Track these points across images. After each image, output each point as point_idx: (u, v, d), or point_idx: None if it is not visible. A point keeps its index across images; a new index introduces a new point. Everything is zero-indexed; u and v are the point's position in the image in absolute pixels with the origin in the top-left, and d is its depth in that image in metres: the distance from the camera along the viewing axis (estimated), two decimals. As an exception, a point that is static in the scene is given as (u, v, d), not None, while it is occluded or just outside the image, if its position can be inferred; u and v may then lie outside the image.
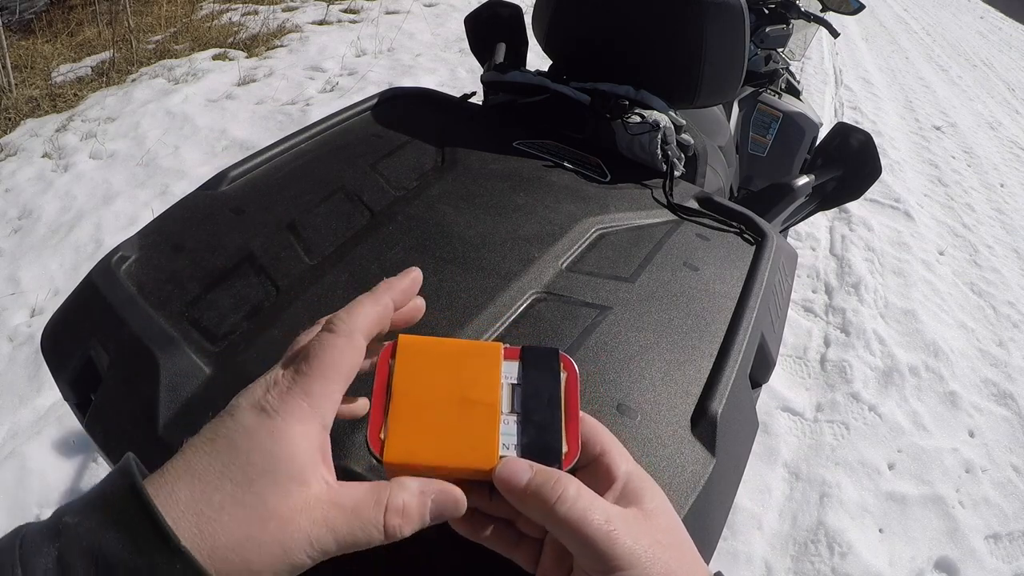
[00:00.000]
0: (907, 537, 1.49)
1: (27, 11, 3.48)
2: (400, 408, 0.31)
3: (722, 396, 0.47)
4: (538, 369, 0.33)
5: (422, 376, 0.32)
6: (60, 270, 1.87)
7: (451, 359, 0.33)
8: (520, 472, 0.29)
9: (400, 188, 0.64)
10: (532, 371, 0.33)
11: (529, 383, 0.33)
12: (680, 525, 0.32)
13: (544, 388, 0.33)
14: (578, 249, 0.59)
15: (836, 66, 5.30)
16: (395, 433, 0.30)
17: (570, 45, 0.87)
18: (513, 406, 0.32)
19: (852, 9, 1.59)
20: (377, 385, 0.32)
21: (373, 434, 0.31)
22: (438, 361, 0.33)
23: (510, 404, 0.32)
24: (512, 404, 0.32)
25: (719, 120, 1.30)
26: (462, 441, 0.30)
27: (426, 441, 0.30)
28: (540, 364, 0.34)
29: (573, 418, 0.32)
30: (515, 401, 0.32)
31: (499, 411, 0.32)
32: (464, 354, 0.33)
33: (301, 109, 2.81)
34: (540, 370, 0.33)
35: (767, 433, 1.69)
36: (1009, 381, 2.06)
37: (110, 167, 2.35)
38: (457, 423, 0.31)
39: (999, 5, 11.27)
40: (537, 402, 0.32)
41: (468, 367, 0.33)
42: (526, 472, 0.29)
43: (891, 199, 3.11)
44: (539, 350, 0.34)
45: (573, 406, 0.33)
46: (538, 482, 0.29)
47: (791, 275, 0.69)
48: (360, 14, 4.18)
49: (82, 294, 0.52)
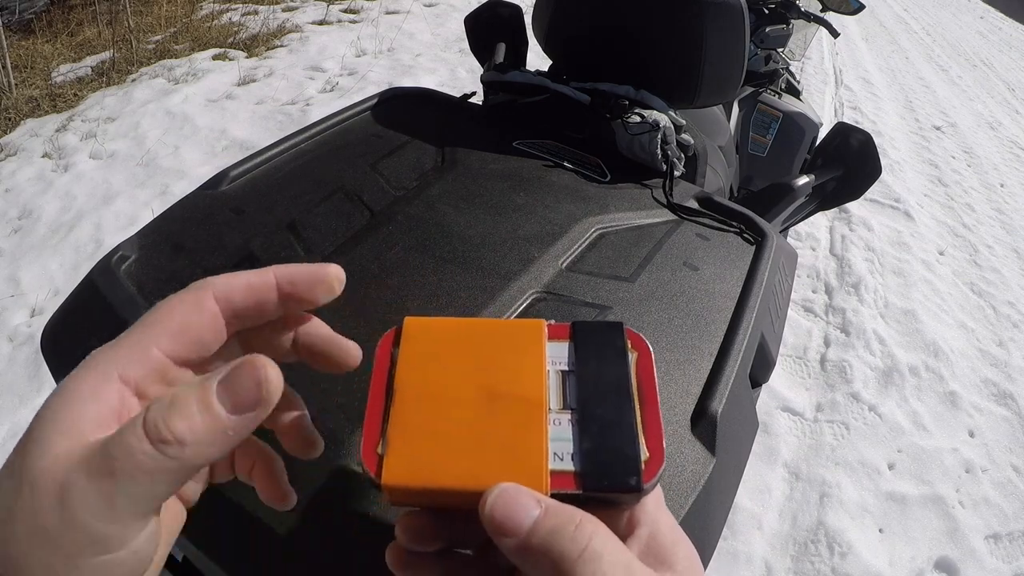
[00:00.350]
0: (907, 537, 1.49)
1: (27, 11, 3.48)
2: (404, 412, 0.23)
3: (722, 396, 0.47)
4: (597, 349, 0.25)
5: (435, 368, 0.24)
6: (60, 270, 1.87)
7: (475, 344, 0.25)
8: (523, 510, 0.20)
9: (400, 188, 0.64)
10: (589, 352, 0.25)
11: (586, 368, 0.24)
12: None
13: (608, 374, 0.24)
14: (578, 249, 0.59)
15: (836, 66, 5.30)
16: (397, 446, 0.22)
17: (570, 45, 0.87)
18: (565, 400, 0.24)
19: (852, 9, 1.59)
20: (374, 384, 0.25)
21: (368, 449, 0.23)
22: (457, 347, 0.25)
23: (561, 398, 0.24)
24: (564, 398, 0.24)
25: (719, 120, 1.30)
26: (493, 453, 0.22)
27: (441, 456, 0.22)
28: (600, 342, 0.25)
29: (652, 413, 0.24)
30: (567, 394, 0.24)
31: (546, 408, 0.23)
32: (493, 336, 0.25)
33: (301, 109, 2.81)
34: (600, 350, 0.25)
35: (767, 433, 1.69)
36: (1009, 381, 2.06)
37: (110, 167, 2.35)
38: (485, 428, 0.23)
39: (999, 5, 11.26)
40: (600, 393, 0.24)
41: (499, 352, 0.25)
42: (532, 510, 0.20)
43: (891, 199, 3.11)
44: (596, 325, 0.26)
45: (650, 396, 0.24)
46: (549, 527, 0.20)
47: (791, 275, 0.69)
48: (360, 14, 4.18)
49: (82, 294, 0.52)
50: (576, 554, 0.19)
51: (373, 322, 0.49)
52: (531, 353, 0.25)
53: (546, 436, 0.23)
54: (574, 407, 0.24)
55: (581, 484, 0.22)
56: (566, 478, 0.22)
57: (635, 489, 0.22)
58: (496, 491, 0.21)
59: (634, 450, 0.22)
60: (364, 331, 0.49)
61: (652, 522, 0.23)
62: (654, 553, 0.22)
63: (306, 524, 0.38)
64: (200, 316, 0.22)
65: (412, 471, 0.22)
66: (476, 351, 0.25)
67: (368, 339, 0.49)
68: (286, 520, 0.38)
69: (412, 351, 0.25)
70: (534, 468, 0.22)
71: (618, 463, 0.22)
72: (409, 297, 0.51)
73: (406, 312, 0.50)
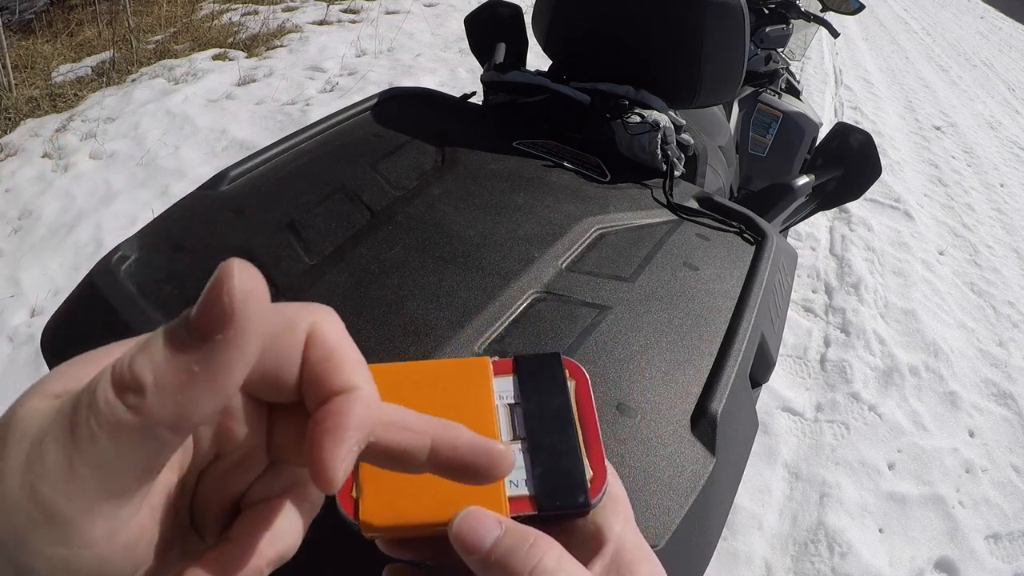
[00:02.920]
0: (907, 537, 1.49)
1: (27, 11, 3.48)
2: None
3: (722, 396, 0.47)
4: (538, 381, 0.28)
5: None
6: (60, 270, 1.87)
7: (428, 384, 0.27)
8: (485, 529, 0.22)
9: (400, 188, 0.64)
10: (531, 384, 0.27)
11: (530, 400, 0.27)
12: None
13: (550, 403, 0.27)
14: (578, 249, 0.59)
15: (836, 66, 5.30)
16: (371, 488, 0.24)
17: (570, 45, 0.87)
18: (515, 431, 0.26)
19: (852, 9, 1.59)
20: None
21: (343, 494, 0.24)
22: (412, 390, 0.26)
23: (510, 429, 0.26)
24: (513, 429, 0.26)
25: (719, 120, 1.30)
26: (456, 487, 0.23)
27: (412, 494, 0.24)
28: (540, 374, 0.28)
29: (592, 435, 0.26)
30: (516, 425, 0.26)
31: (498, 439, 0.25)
32: (443, 375, 0.27)
33: (301, 109, 2.81)
34: (541, 382, 0.28)
35: (767, 433, 1.69)
36: (1009, 381, 2.06)
37: (110, 167, 2.35)
38: None
39: (999, 5, 11.26)
40: (545, 423, 0.26)
41: (451, 392, 0.27)
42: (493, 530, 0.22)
43: (891, 199, 3.11)
44: (536, 358, 0.28)
45: (590, 420, 0.27)
46: (507, 545, 0.22)
47: (791, 275, 0.69)
48: (360, 14, 4.18)
49: (82, 294, 0.52)
50: (528, 569, 0.21)
51: (373, 322, 0.49)
52: (479, 389, 0.27)
53: None
54: (523, 436, 0.26)
55: (536, 506, 0.24)
56: (523, 502, 0.24)
57: (584, 505, 0.24)
58: (462, 514, 0.23)
59: (580, 471, 0.25)
60: (364, 331, 0.49)
61: (617, 540, 0.25)
62: (617, 569, 0.24)
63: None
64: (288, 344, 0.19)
65: (385, 511, 0.24)
66: (430, 392, 0.26)
67: (368, 339, 0.49)
68: None
69: None
70: (494, 496, 0.24)
71: (567, 484, 0.25)
72: (409, 297, 0.51)
73: (406, 312, 0.50)
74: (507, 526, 0.23)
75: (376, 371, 0.25)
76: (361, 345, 0.27)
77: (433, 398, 0.26)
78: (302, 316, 0.19)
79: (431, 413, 0.24)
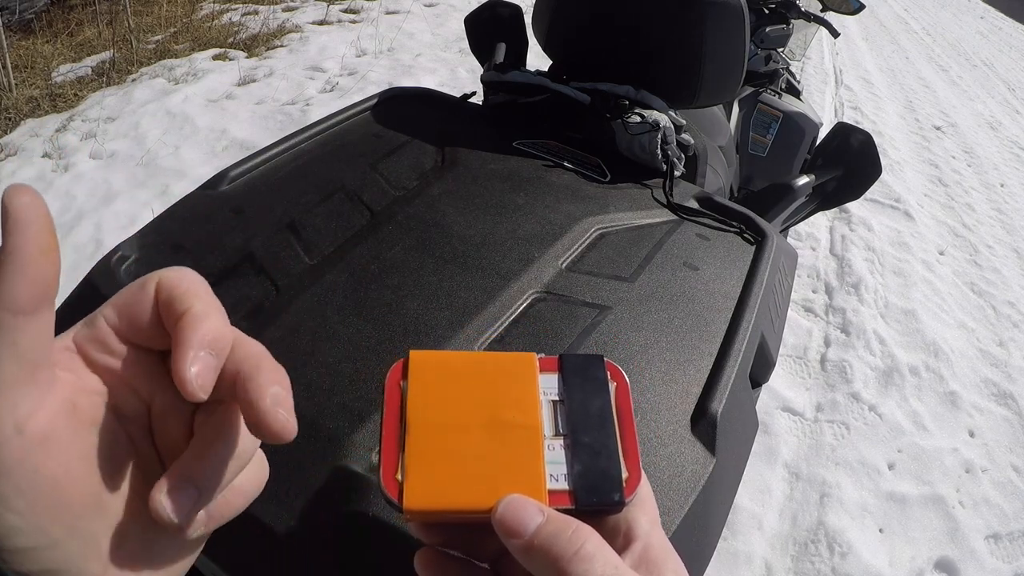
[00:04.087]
0: (907, 537, 1.49)
1: (27, 11, 3.48)
2: (418, 440, 0.26)
3: (722, 396, 0.47)
4: (582, 380, 0.28)
5: (442, 398, 0.27)
6: (60, 270, 1.87)
7: (475, 375, 0.28)
8: (528, 516, 0.24)
9: (400, 188, 0.64)
10: (576, 383, 0.28)
11: (574, 398, 0.28)
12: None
13: (592, 403, 0.28)
14: (578, 249, 0.59)
15: (836, 66, 5.30)
16: (415, 473, 0.25)
17: (570, 45, 0.87)
18: (557, 427, 0.27)
19: (852, 9, 1.59)
20: (388, 414, 0.27)
21: (388, 476, 0.25)
22: (460, 379, 0.28)
23: (553, 425, 0.27)
24: (556, 425, 0.27)
25: (719, 120, 1.29)
26: (499, 476, 0.25)
27: (454, 479, 0.25)
28: (584, 374, 0.29)
29: (629, 437, 0.27)
30: (559, 421, 0.27)
31: (542, 434, 0.27)
32: (491, 368, 0.28)
33: (301, 109, 2.80)
34: (585, 381, 0.28)
35: (767, 433, 1.69)
36: (1009, 381, 2.06)
37: (110, 167, 2.35)
38: (491, 453, 0.26)
39: (999, 5, 11.26)
40: (586, 420, 0.27)
41: (497, 383, 0.28)
42: (535, 516, 0.24)
43: (891, 199, 3.11)
44: (581, 358, 0.29)
45: (627, 421, 0.28)
46: (550, 531, 0.23)
47: (791, 275, 0.69)
48: (360, 14, 4.18)
49: (82, 294, 0.52)
50: (571, 553, 0.23)
51: (373, 322, 0.49)
52: (526, 384, 0.28)
53: (543, 460, 0.26)
54: (565, 433, 0.27)
55: (574, 501, 0.25)
56: (561, 496, 0.26)
57: (618, 503, 0.26)
58: (506, 500, 0.24)
59: (617, 471, 0.26)
60: (364, 331, 0.49)
61: (645, 537, 0.26)
62: (645, 565, 0.25)
63: (306, 524, 0.38)
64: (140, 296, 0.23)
65: (429, 495, 0.25)
66: (477, 383, 0.28)
67: (368, 339, 0.49)
68: (285, 519, 0.38)
69: (420, 384, 0.27)
70: (535, 488, 0.25)
71: (604, 482, 0.26)
72: (409, 297, 0.51)
73: (406, 312, 0.50)
74: (548, 514, 0.24)
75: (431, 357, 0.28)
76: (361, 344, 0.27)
77: (483, 388, 0.27)
78: (151, 275, 0.23)
79: (481, 401, 0.27)
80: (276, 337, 0.48)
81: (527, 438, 0.26)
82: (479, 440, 0.26)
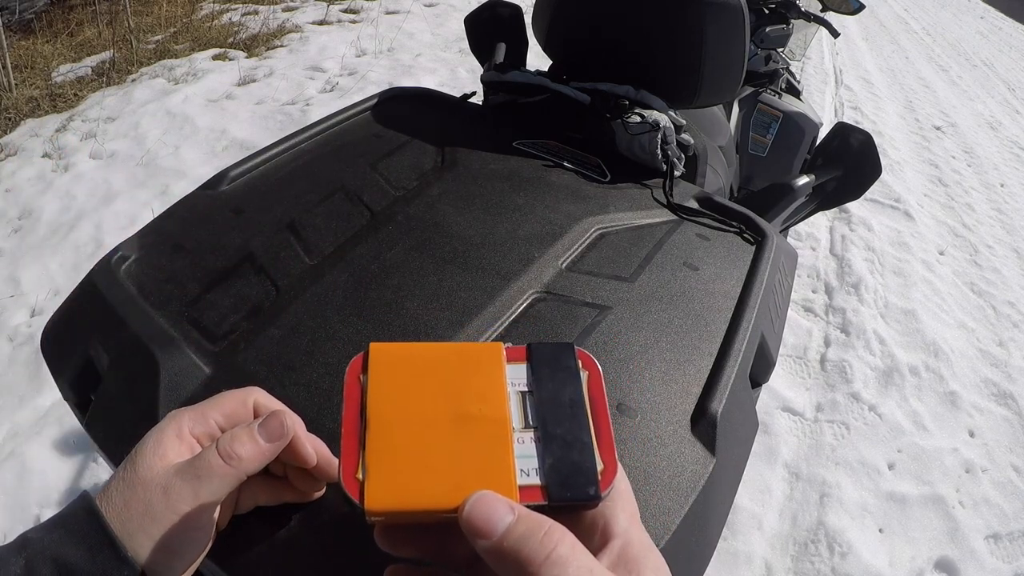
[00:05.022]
0: (907, 537, 1.49)
1: (27, 11, 3.48)
2: (379, 437, 0.24)
3: (722, 396, 0.47)
4: (552, 370, 0.27)
5: (404, 392, 0.26)
6: (60, 270, 1.87)
7: (439, 367, 0.26)
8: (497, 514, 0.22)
9: (400, 188, 0.64)
10: (545, 373, 0.27)
11: (544, 388, 0.26)
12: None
13: (563, 393, 0.26)
14: (578, 249, 0.59)
15: (836, 66, 5.30)
16: (376, 471, 0.24)
17: (570, 45, 0.87)
18: (527, 419, 0.26)
19: (852, 9, 1.59)
20: (347, 411, 0.25)
21: (347, 475, 0.24)
22: (423, 371, 0.26)
23: (522, 418, 0.26)
24: (525, 417, 0.26)
25: (719, 120, 1.29)
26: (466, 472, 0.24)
27: (418, 477, 0.24)
28: (554, 363, 0.27)
29: (603, 426, 0.26)
30: (528, 413, 0.26)
31: (510, 427, 0.25)
32: (455, 359, 0.27)
33: (301, 109, 2.80)
34: (555, 371, 0.27)
35: (767, 433, 1.69)
36: (1009, 381, 2.06)
37: (110, 167, 2.35)
38: (456, 449, 0.24)
39: (999, 5, 11.26)
40: (557, 411, 0.26)
41: (462, 375, 0.26)
42: (505, 515, 0.22)
43: (891, 199, 3.11)
44: (550, 346, 0.28)
45: (601, 411, 0.27)
46: (520, 532, 0.22)
47: (791, 275, 0.69)
48: (360, 14, 4.18)
49: (82, 294, 0.52)
50: (543, 557, 0.21)
51: (373, 322, 0.49)
52: (492, 375, 0.26)
53: (513, 454, 0.25)
54: (535, 426, 0.26)
55: (546, 496, 0.24)
56: (533, 492, 0.24)
57: (594, 497, 0.24)
58: (474, 498, 0.23)
59: (591, 463, 0.25)
60: (364, 331, 0.49)
61: (624, 534, 0.24)
62: (624, 564, 0.24)
63: (306, 524, 0.38)
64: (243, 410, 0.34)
65: (392, 494, 0.23)
66: (440, 375, 0.26)
67: (368, 339, 0.49)
68: (284, 521, 0.38)
69: (381, 377, 0.26)
70: (505, 484, 0.24)
71: (578, 476, 0.24)
72: (409, 297, 0.51)
73: (406, 312, 0.50)
74: (520, 513, 0.22)
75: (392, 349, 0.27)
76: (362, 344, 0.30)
77: (447, 380, 0.26)
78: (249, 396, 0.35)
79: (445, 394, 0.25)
80: (276, 337, 0.48)
81: (495, 432, 0.25)
82: (444, 435, 0.25)
